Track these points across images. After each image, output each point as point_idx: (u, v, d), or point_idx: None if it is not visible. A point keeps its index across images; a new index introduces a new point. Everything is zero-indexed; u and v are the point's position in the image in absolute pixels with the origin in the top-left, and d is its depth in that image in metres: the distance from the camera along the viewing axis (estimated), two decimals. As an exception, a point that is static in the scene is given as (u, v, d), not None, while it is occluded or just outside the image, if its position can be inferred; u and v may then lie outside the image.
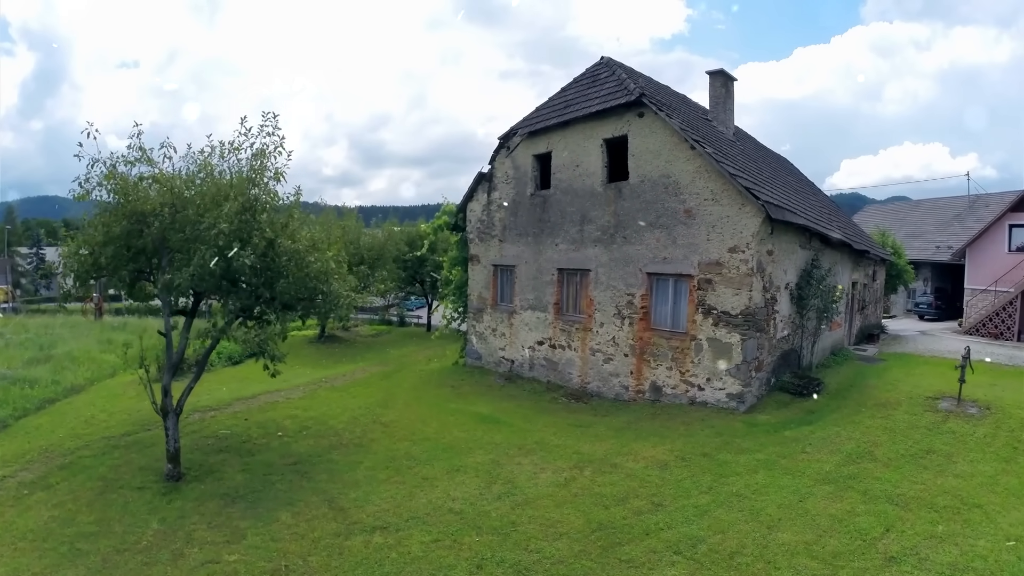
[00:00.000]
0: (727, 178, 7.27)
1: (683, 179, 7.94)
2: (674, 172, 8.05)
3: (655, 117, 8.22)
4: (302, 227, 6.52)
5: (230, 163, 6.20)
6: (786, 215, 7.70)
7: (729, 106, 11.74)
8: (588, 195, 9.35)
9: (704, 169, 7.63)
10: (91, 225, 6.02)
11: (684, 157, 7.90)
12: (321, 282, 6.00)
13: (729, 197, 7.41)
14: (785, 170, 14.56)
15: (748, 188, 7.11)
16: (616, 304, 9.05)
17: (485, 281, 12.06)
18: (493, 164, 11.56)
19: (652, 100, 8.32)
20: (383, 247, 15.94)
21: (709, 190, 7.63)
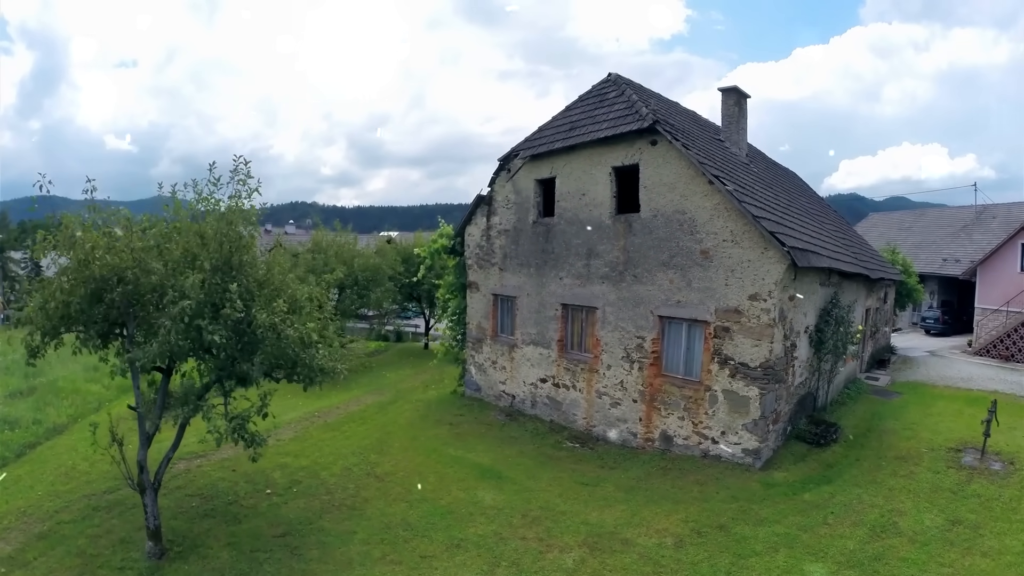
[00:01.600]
0: (749, 219, 6.72)
1: (700, 216, 7.39)
2: (690, 208, 7.48)
3: (669, 146, 7.63)
4: (281, 282, 5.93)
5: (201, 214, 5.63)
6: (811, 259, 7.16)
7: (742, 125, 11.20)
8: (595, 227, 8.78)
9: (723, 207, 7.08)
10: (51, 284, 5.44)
11: (701, 192, 7.33)
12: (303, 350, 5.45)
13: (751, 239, 6.87)
14: (797, 189, 14.05)
15: (773, 232, 6.57)
16: (625, 346, 8.53)
17: (484, 311, 11.50)
18: (492, 187, 10.98)
19: (666, 127, 7.72)
20: (378, 268, 15.34)
21: (728, 230, 7.08)
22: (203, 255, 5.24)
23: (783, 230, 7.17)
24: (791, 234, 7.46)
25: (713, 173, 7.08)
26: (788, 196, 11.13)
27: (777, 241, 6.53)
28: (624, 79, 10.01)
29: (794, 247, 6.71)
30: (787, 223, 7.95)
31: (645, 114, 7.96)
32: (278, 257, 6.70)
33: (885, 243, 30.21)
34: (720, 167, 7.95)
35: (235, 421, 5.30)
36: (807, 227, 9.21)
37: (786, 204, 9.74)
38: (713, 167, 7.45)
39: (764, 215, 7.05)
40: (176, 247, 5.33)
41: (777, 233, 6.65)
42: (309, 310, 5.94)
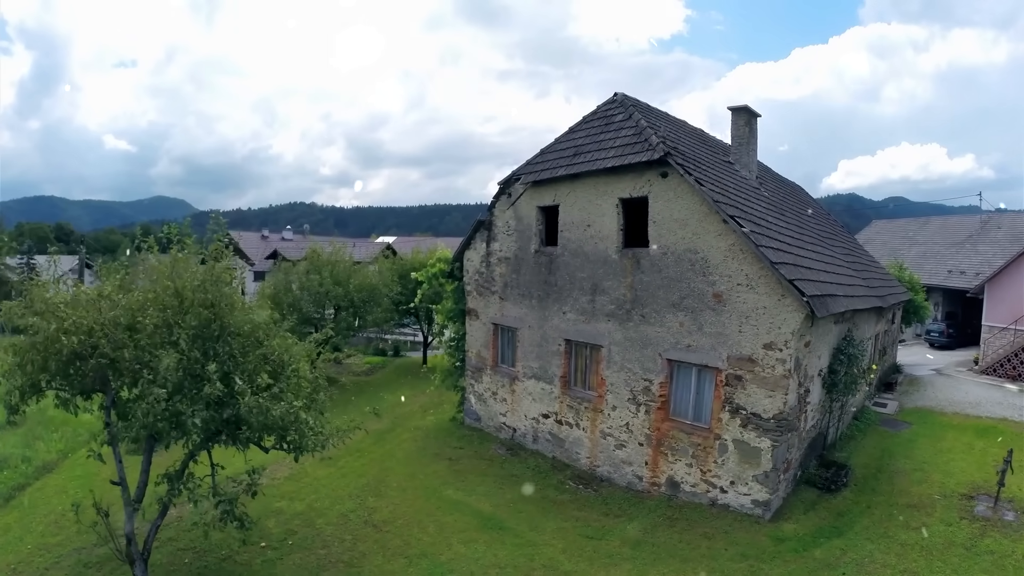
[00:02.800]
0: (767, 264, 6.38)
1: (713, 257, 7.03)
2: (702, 247, 7.12)
3: (681, 179, 7.23)
4: (266, 339, 5.59)
5: (178, 277, 5.28)
6: (830, 306, 6.83)
7: (753, 146, 10.84)
8: (600, 261, 8.44)
9: (739, 247, 6.73)
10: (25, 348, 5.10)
11: (715, 231, 6.97)
12: (289, 423, 5.12)
13: (767, 285, 6.54)
14: (804, 206, 13.69)
15: (792, 280, 6.23)
16: (631, 388, 8.21)
17: (484, 339, 11.17)
18: (492, 211, 10.61)
19: (679, 159, 7.30)
20: (374, 288, 14.98)
21: (744, 274, 6.74)
22: (181, 326, 4.90)
23: (800, 273, 6.83)
24: (808, 275, 7.12)
25: (729, 213, 6.72)
26: (799, 223, 10.78)
27: (796, 290, 6.20)
28: (631, 99, 9.63)
29: (814, 295, 6.37)
30: (804, 262, 7.60)
31: (655, 144, 7.54)
32: (263, 314, 6.37)
33: (889, 252, 30.03)
34: (734, 200, 7.58)
35: (222, 504, 4.97)
36: (822, 261, 8.86)
37: (799, 235, 9.38)
38: (728, 203, 7.07)
39: (782, 259, 6.70)
40: (150, 318, 4.97)
41: (796, 280, 6.31)
42: (296, 374, 5.58)
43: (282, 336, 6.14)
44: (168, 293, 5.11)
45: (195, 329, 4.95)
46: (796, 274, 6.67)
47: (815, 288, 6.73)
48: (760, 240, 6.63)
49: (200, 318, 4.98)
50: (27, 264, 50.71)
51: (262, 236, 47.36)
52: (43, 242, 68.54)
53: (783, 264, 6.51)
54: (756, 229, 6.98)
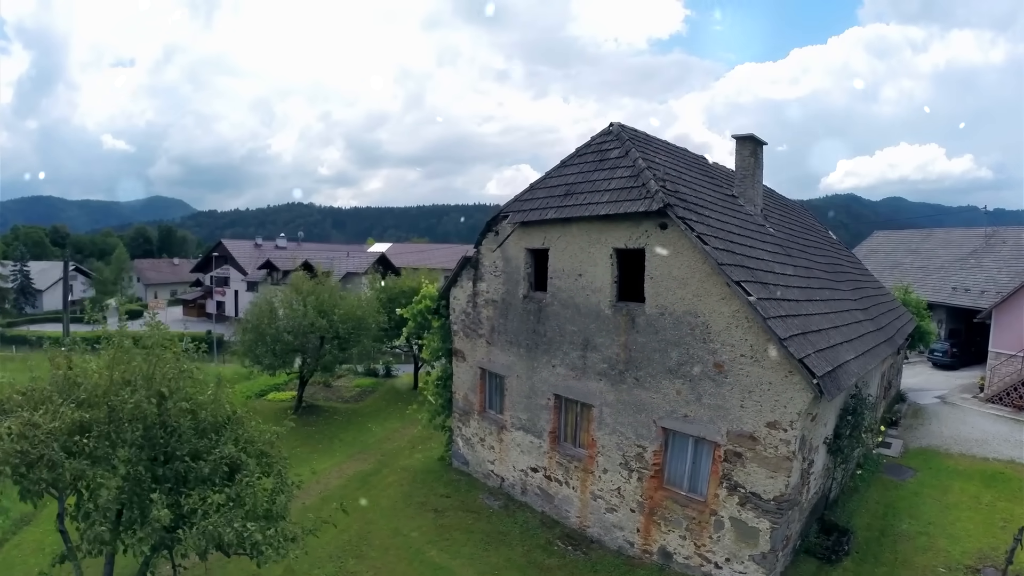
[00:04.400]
0: (775, 339, 5.85)
1: (715, 323, 6.45)
2: (704, 311, 6.54)
3: (682, 233, 6.63)
4: (224, 422, 5.13)
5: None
6: (841, 380, 6.29)
7: (758, 176, 10.27)
8: (593, 316, 7.89)
9: (744, 315, 6.18)
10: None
11: (718, 295, 6.40)
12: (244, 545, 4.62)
13: (774, 359, 6.01)
14: (808, 234, 13.11)
15: (802, 359, 5.69)
16: (623, 452, 7.68)
17: (471, 383, 10.63)
18: (479, 249, 10.04)
19: (679, 209, 6.67)
20: (359, 320, 14.42)
21: (748, 344, 6.20)
22: (122, 440, 4.43)
23: (811, 342, 6.26)
24: (819, 340, 6.55)
25: (735, 276, 6.15)
26: (807, 259, 10.19)
27: (806, 369, 5.66)
28: (628, 131, 8.98)
29: (825, 374, 5.83)
30: (813, 321, 7.02)
31: (654, 191, 6.89)
32: (222, 395, 5.87)
33: (891, 265, 29.50)
34: (740, 253, 6.99)
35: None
36: (831, 310, 8.27)
37: (806, 278, 8.78)
38: (733, 262, 6.46)
39: (790, 328, 6.14)
40: (90, 440, 4.51)
41: (806, 358, 5.77)
42: (252, 487, 5.06)
43: (246, 422, 5.68)
44: (101, 410, 4.65)
45: (139, 439, 4.48)
46: (806, 346, 6.12)
47: (826, 361, 6.18)
48: (768, 308, 6.07)
49: (145, 423, 4.51)
50: (20, 271, 50.23)
51: (255, 244, 46.75)
52: (38, 246, 68.01)
53: (792, 338, 5.95)
54: (763, 291, 6.43)
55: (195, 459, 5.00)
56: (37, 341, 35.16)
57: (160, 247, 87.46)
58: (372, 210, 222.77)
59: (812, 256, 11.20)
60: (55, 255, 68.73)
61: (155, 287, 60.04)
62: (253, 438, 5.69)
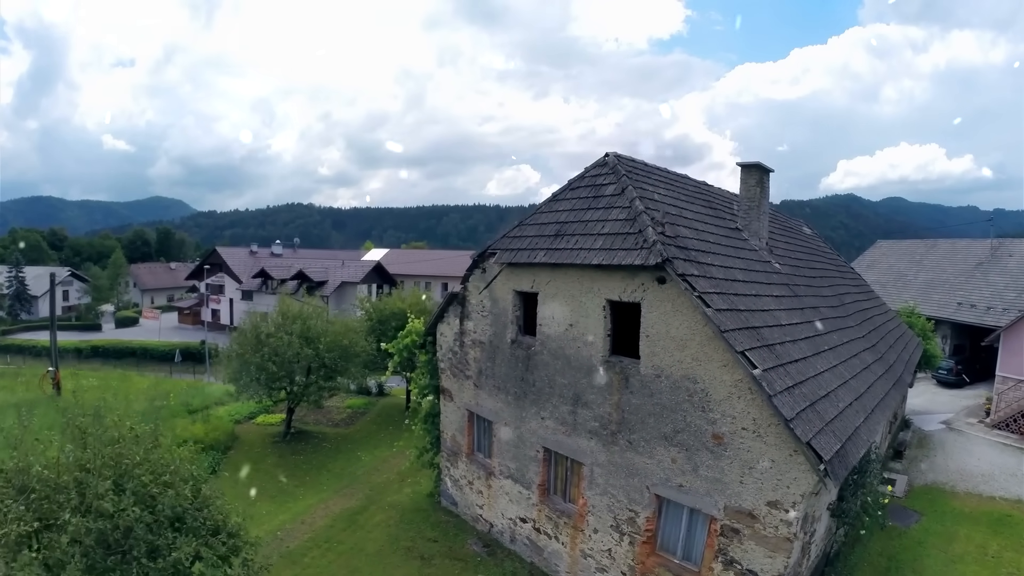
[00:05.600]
0: (780, 419, 5.39)
1: (715, 391, 5.96)
2: (703, 378, 6.04)
3: (681, 291, 6.10)
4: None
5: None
6: (850, 456, 5.81)
7: (764, 207, 9.76)
8: (584, 370, 7.43)
9: (747, 386, 5.69)
10: None
11: (719, 361, 5.88)
12: None
13: (778, 436, 5.53)
14: (815, 258, 12.61)
15: (809, 442, 5.23)
16: (615, 515, 7.24)
17: (459, 424, 10.19)
18: (466, 285, 9.60)
19: (680, 263, 6.16)
20: (346, 349, 13.97)
21: (751, 418, 5.74)
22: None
23: (818, 416, 5.77)
24: (827, 408, 6.06)
25: (740, 345, 5.63)
26: (814, 294, 9.68)
27: (813, 452, 5.21)
28: (625, 162, 8.41)
29: (833, 455, 5.38)
30: (822, 381, 6.52)
31: (652, 242, 6.34)
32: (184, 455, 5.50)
33: (895, 277, 28.98)
34: (744, 301, 6.53)
35: None
36: (839, 359, 7.78)
37: (815, 328, 8.29)
38: (738, 323, 5.97)
39: (799, 403, 5.64)
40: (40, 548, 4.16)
41: (813, 440, 5.31)
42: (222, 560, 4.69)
43: (214, 503, 5.32)
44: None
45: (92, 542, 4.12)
46: (814, 420, 5.63)
47: (834, 437, 5.71)
48: (773, 382, 5.58)
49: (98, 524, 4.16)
50: (15, 277, 49.79)
51: (251, 252, 46.31)
52: (35, 250, 67.64)
53: (800, 416, 5.48)
54: (769, 357, 5.95)
55: (152, 557, 4.61)
56: (31, 350, 34.85)
57: (158, 250, 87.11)
58: (372, 210, 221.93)
59: (819, 289, 10.72)
60: (52, 259, 68.40)
61: (151, 292, 59.69)
62: (218, 525, 5.31)
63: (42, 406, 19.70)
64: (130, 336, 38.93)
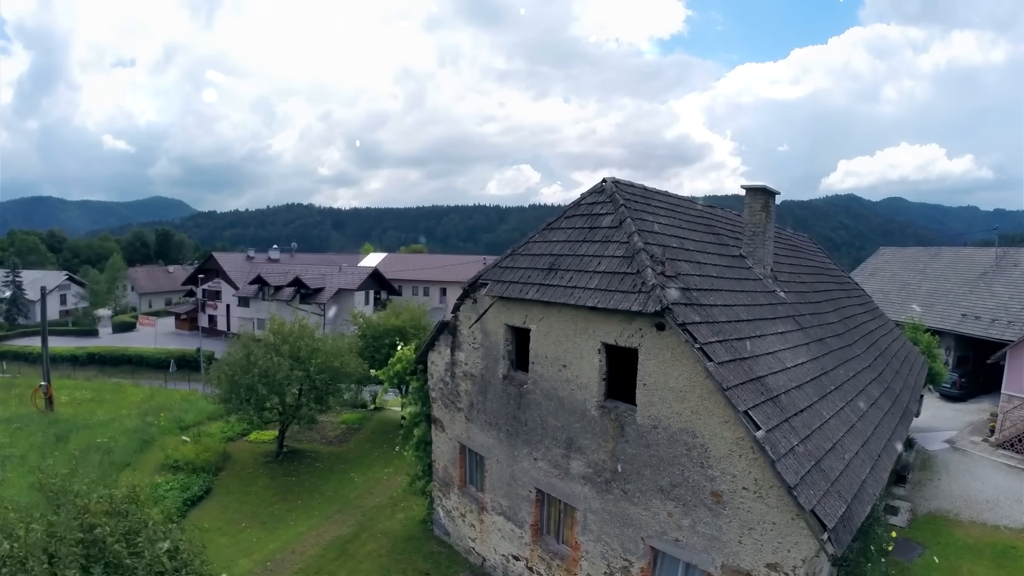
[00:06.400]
0: (783, 485, 5.08)
1: (715, 448, 5.65)
2: (703, 432, 5.72)
3: (681, 340, 5.73)
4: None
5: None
6: (855, 517, 5.50)
7: (769, 233, 9.42)
8: (577, 414, 7.13)
9: (749, 444, 5.39)
10: None
11: (721, 417, 5.55)
12: None
13: (779, 499, 5.23)
14: (818, 275, 12.27)
15: (813, 509, 4.94)
16: (608, 563, 6.95)
17: (451, 456, 9.91)
18: (456, 315, 9.31)
19: (682, 309, 5.83)
20: (337, 372, 13.68)
21: (752, 478, 5.44)
22: None
23: (823, 476, 5.44)
24: (833, 466, 5.74)
25: (743, 403, 5.33)
26: (821, 330, 9.32)
27: (816, 519, 4.92)
28: (623, 189, 7.99)
29: (838, 521, 5.08)
30: (828, 431, 6.19)
31: (651, 285, 5.96)
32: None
33: (898, 286, 28.62)
34: (748, 345, 6.22)
35: None
36: (847, 410, 7.41)
37: (821, 365, 7.92)
38: (740, 377, 5.67)
39: (804, 464, 5.31)
40: None
41: (817, 507, 5.01)
42: None
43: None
44: None
45: None
46: (819, 482, 5.32)
47: (839, 498, 5.40)
48: (778, 443, 5.26)
49: None
50: (13, 281, 49.56)
51: (247, 257, 46.03)
52: (34, 252, 67.44)
53: (804, 480, 5.18)
54: (774, 412, 5.64)
55: None
56: (28, 357, 34.59)
57: (157, 251, 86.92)
58: (372, 211, 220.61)
59: (825, 315, 10.40)
60: (51, 261, 68.21)
61: (149, 296, 59.47)
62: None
63: (34, 423, 19.54)
64: (127, 342, 38.76)
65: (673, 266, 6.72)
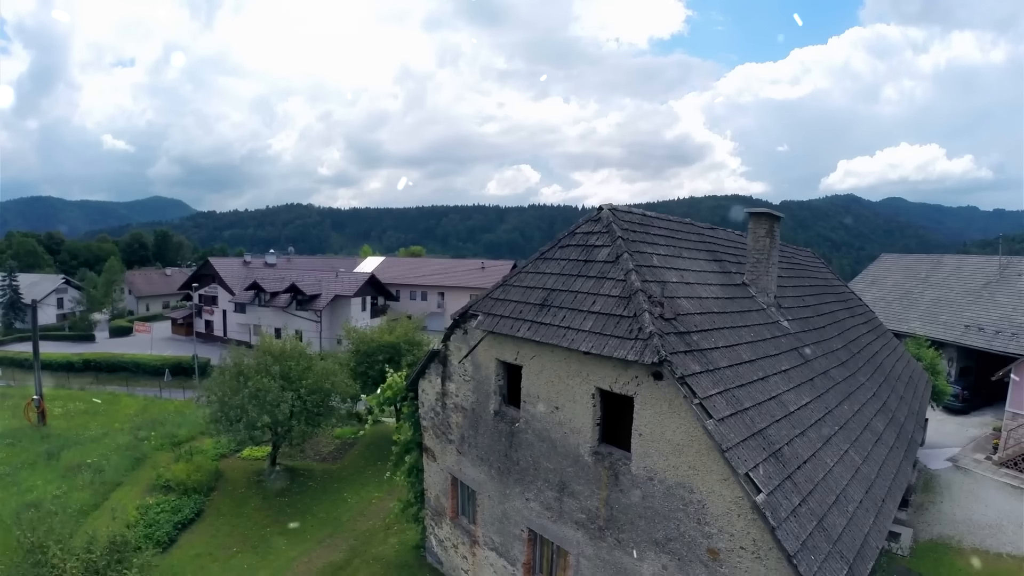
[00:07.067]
0: (783, 552, 4.82)
1: (713, 505, 5.39)
2: (700, 488, 5.46)
3: (679, 391, 5.45)
4: None
5: None
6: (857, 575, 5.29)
7: (773, 259, 9.14)
8: (570, 458, 6.87)
9: (748, 504, 5.16)
10: None
11: (719, 474, 5.29)
12: None
13: (779, 561, 4.96)
14: (823, 293, 11.96)
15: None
16: (605, 613, 6.74)
17: (443, 486, 9.66)
18: (447, 345, 9.04)
19: (681, 358, 5.56)
20: (327, 395, 13.42)
21: (751, 538, 5.17)
22: None
23: (825, 536, 5.16)
24: (836, 522, 5.46)
25: (743, 465, 5.03)
26: (825, 359, 9.02)
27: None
28: (621, 216, 7.62)
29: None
30: (832, 485, 5.92)
31: (648, 333, 5.65)
32: None
33: (900, 294, 28.31)
34: (750, 392, 5.96)
35: None
36: (852, 452, 7.09)
37: (825, 402, 7.62)
38: (742, 433, 5.39)
39: (807, 525, 5.05)
40: None
41: (818, 573, 4.75)
42: None
43: None
44: None
45: None
46: (821, 543, 5.05)
47: (841, 559, 5.16)
48: (778, 507, 5.00)
49: None
50: (9, 285, 49.23)
51: (244, 262, 45.72)
52: (31, 255, 67.17)
53: (806, 544, 4.92)
54: (776, 469, 5.37)
55: None
56: (23, 364, 34.30)
57: (156, 253, 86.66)
58: (371, 211, 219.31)
59: (829, 341, 10.13)
60: (48, 263, 67.98)
61: (147, 299, 59.20)
62: None
63: (26, 438, 19.30)
64: (124, 347, 38.49)
65: (672, 306, 6.44)
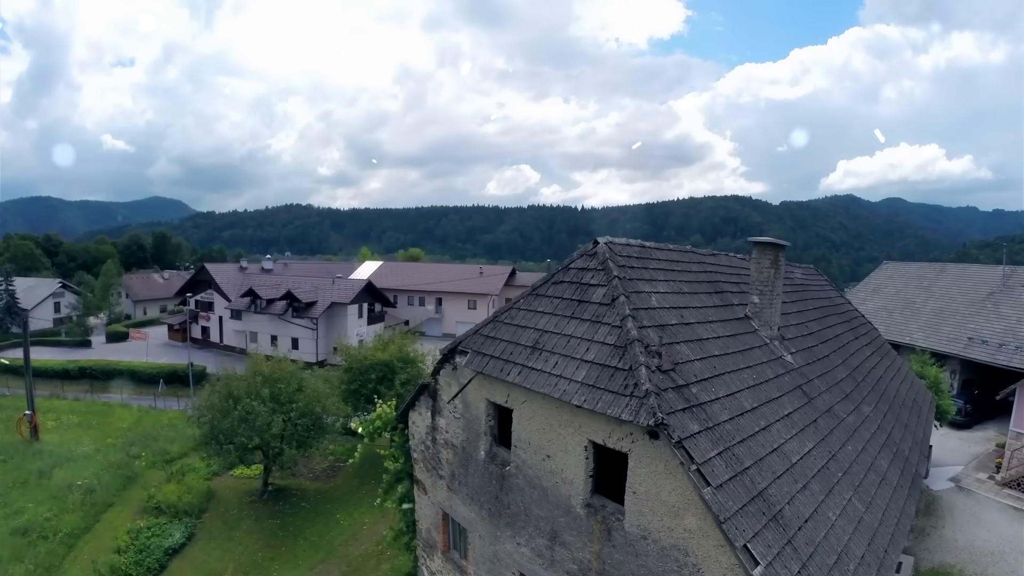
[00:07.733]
0: None
1: (709, 570, 5.11)
2: (696, 552, 5.20)
3: (674, 454, 5.14)
4: None
5: None
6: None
7: (777, 289, 8.81)
8: (562, 509, 6.59)
9: (745, 571, 4.90)
10: None
11: (716, 540, 5.03)
12: None
13: (775, 635, 4.76)
14: (826, 315, 11.64)
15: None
16: (598, 670, 6.48)
17: (434, 520, 9.40)
18: (437, 380, 8.75)
19: (679, 418, 5.30)
20: (318, 418, 13.15)
21: (745, 607, 4.94)
22: None
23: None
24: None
25: (741, 536, 4.76)
26: (828, 393, 8.75)
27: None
28: (618, 251, 7.21)
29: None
30: (833, 543, 5.65)
31: (644, 391, 5.34)
32: None
33: (902, 303, 28.01)
34: (750, 448, 5.67)
35: None
36: (855, 500, 6.78)
37: (827, 446, 7.31)
38: (740, 498, 5.09)
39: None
40: None
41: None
42: None
43: None
44: None
45: None
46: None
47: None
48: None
49: None
50: (5, 289, 48.87)
51: (240, 268, 45.43)
52: (29, 258, 66.82)
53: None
54: (776, 534, 5.09)
55: None
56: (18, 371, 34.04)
57: (154, 255, 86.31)
58: (371, 211, 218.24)
59: (833, 372, 9.84)
60: (46, 266, 67.67)
61: (144, 303, 58.94)
62: None
63: (18, 454, 19.06)
64: (120, 352, 38.30)
65: (671, 353, 6.15)
